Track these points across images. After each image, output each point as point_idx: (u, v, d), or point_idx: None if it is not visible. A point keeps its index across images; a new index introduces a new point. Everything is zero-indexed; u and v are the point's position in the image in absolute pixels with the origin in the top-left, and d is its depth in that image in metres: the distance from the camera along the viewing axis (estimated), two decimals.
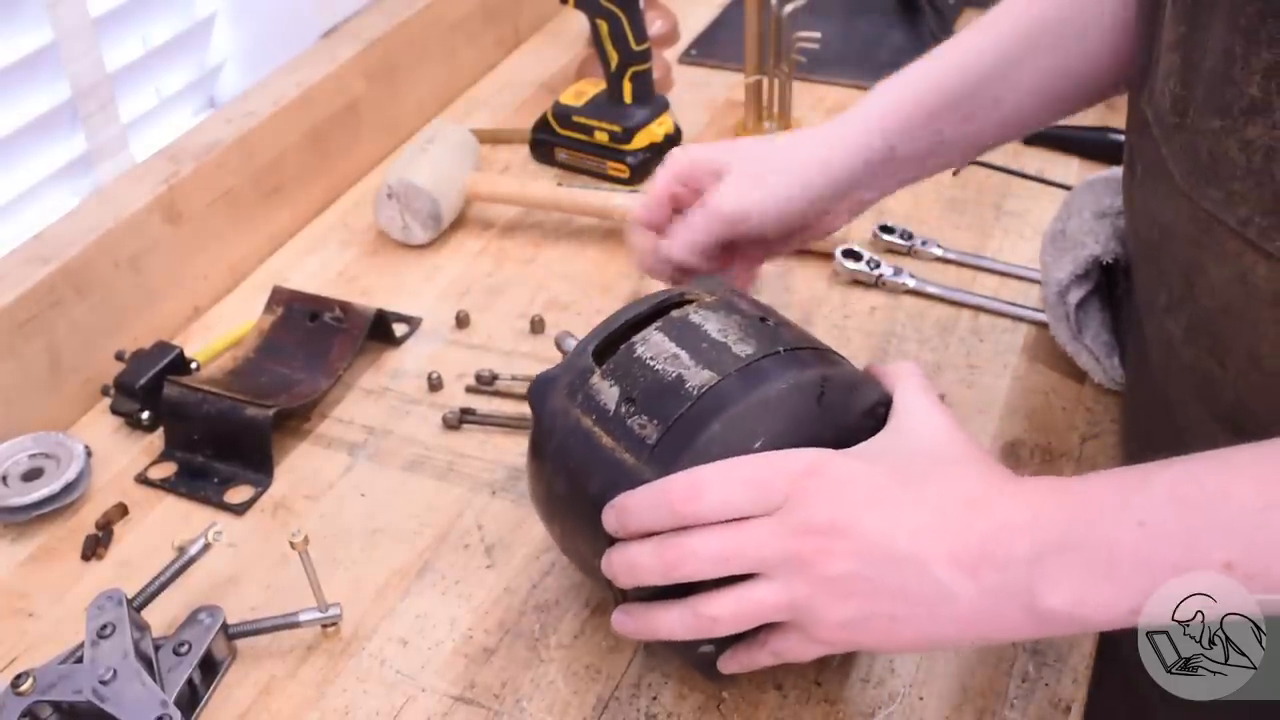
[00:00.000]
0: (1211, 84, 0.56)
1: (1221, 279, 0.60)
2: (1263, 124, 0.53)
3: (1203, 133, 0.58)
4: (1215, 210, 0.58)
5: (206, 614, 0.65)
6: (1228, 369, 0.62)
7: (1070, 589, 0.48)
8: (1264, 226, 0.55)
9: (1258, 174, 0.54)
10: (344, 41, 1.08)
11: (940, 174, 1.03)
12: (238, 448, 0.78)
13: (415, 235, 0.98)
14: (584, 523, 0.59)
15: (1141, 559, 0.47)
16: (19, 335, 0.79)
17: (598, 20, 1.03)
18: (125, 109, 0.97)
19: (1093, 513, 0.49)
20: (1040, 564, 0.48)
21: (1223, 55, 0.55)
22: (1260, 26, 0.52)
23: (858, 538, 0.51)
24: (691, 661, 0.60)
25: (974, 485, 0.52)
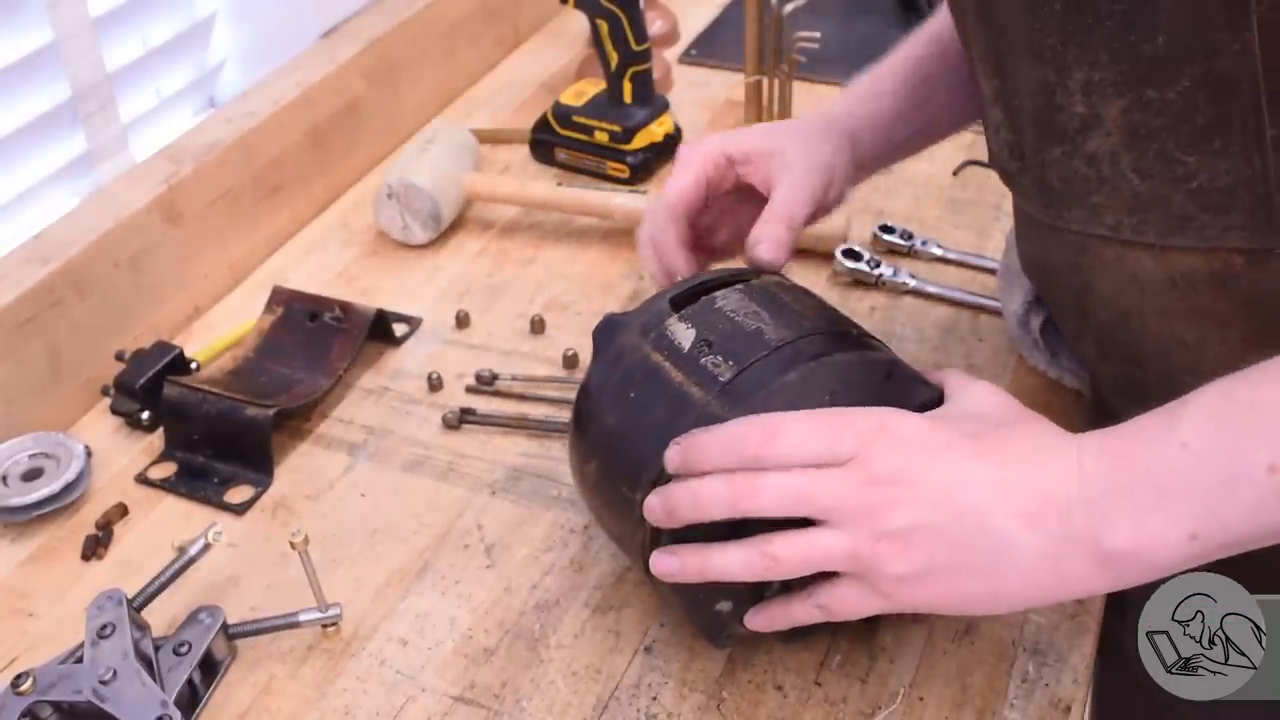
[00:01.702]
0: (1038, 119, 0.59)
1: (1110, 289, 0.63)
2: (1099, 135, 0.56)
3: (1046, 164, 0.61)
4: (1083, 227, 0.61)
5: (206, 614, 0.65)
6: (1148, 369, 0.64)
7: (1129, 524, 0.48)
8: (1134, 224, 0.58)
9: (1111, 180, 0.57)
10: (344, 41, 1.08)
11: (940, 174, 1.04)
12: (238, 448, 0.78)
13: (415, 235, 0.98)
14: (628, 457, 0.59)
15: (1190, 480, 0.47)
16: (19, 335, 0.79)
17: (598, 20, 1.03)
18: (125, 109, 0.97)
19: (1138, 445, 0.49)
20: (1097, 504, 0.49)
21: (1040, 89, 0.58)
22: (1064, 51, 0.55)
23: (922, 489, 0.51)
24: (702, 624, 0.60)
25: (1032, 441, 0.53)
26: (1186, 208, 0.55)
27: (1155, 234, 0.57)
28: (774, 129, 0.76)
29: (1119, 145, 0.56)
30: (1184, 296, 0.59)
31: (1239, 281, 0.56)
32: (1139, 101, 0.54)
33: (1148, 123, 0.54)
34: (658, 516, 0.56)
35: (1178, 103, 0.53)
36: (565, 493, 0.75)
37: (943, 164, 1.05)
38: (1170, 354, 0.62)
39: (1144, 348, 0.64)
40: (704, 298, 0.62)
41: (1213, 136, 0.53)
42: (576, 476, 0.65)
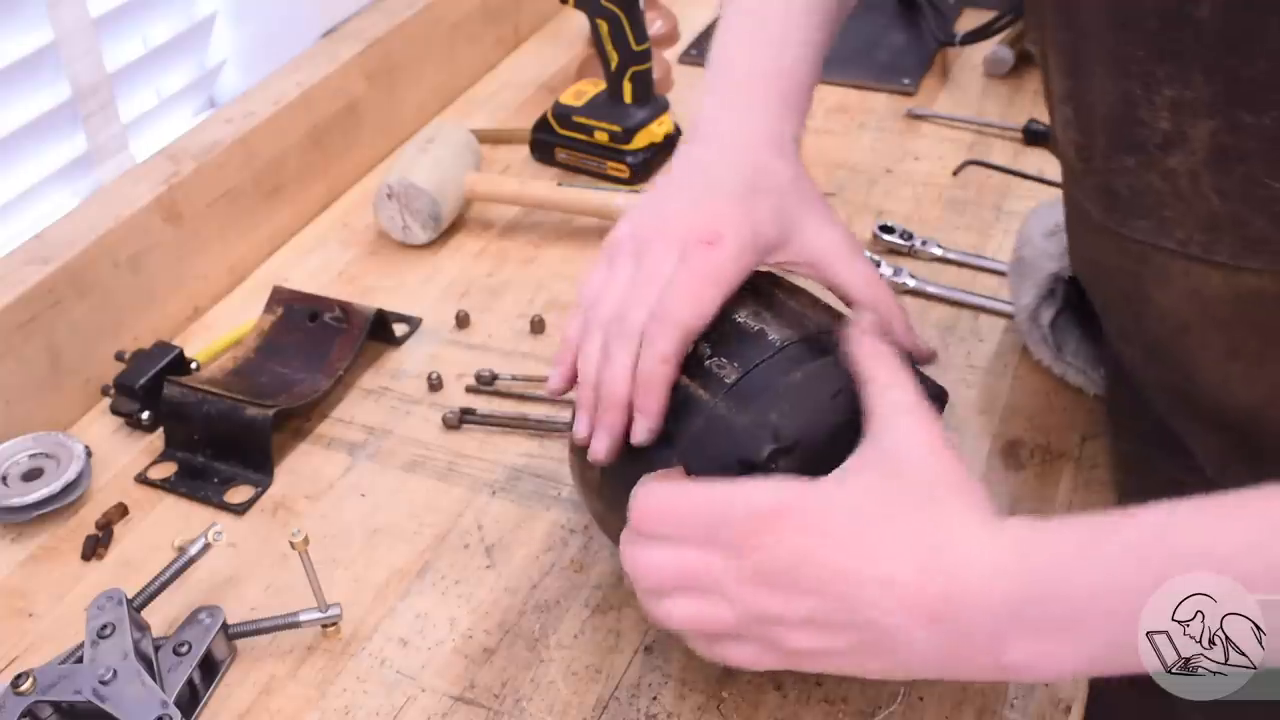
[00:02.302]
0: (1113, 127, 0.58)
1: (1171, 301, 0.61)
2: (1182, 152, 0.55)
3: (1116, 172, 0.59)
4: (1148, 238, 0.59)
5: (206, 614, 0.65)
6: (1198, 383, 0.63)
7: (1031, 645, 0.48)
8: (1205, 242, 0.56)
9: (1187, 197, 0.56)
10: (344, 41, 1.08)
11: (940, 174, 1.04)
12: (238, 448, 0.78)
13: (415, 235, 0.98)
14: (631, 464, 0.59)
15: (1105, 619, 0.47)
16: (19, 335, 0.79)
17: (598, 20, 1.03)
18: (125, 109, 0.97)
19: (1052, 572, 0.48)
20: (1001, 624, 0.48)
21: (1120, 99, 0.56)
22: (1155, 67, 0.53)
23: (817, 583, 0.50)
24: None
25: (946, 531, 0.50)
26: (1266, 231, 0.54)
27: (1227, 254, 0.56)
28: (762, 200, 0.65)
29: (1201, 165, 0.54)
30: (1249, 315, 0.58)
31: None
32: (1230, 124, 0.52)
33: (1238, 145, 0.52)
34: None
35: (1273, 128, 0.51)
36: (565, 493, 0.75)
37: (943, 164, 1.05)
38: (1227, 370, 0.61)
39: (1199, 361, 0.63)
40: None
41: None
42: (579, 483, 0.65)
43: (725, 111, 0.68)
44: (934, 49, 1.21)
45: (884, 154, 1.07)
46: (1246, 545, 0.46)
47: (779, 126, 0.67)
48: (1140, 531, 0.47)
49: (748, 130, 0.66)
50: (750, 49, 0.70)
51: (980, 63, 1.19)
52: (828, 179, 1.04)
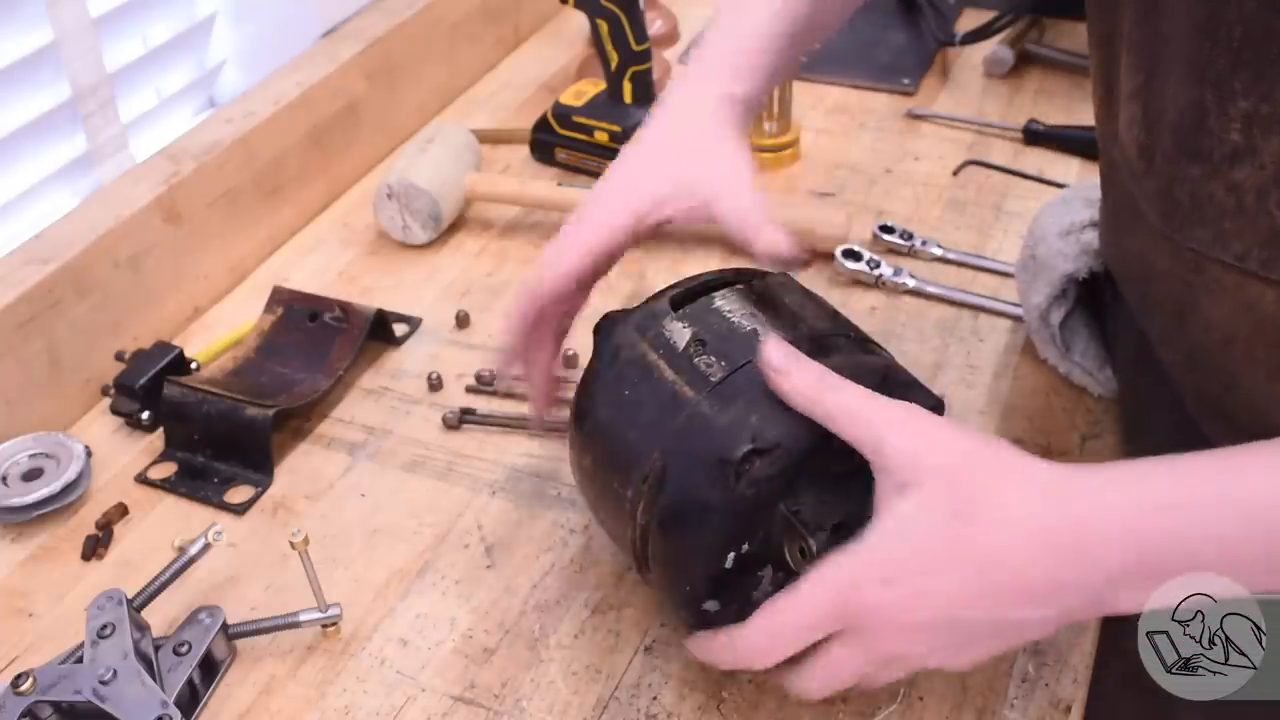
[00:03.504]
0: (1181, 133, 0.57)
1: (1221, 313, 0.60)
2: (1250, 166, 0.54)
3: (1178, 179, 0.58)
4: (1205, 249, 0.58)
5: (206, 614, 0.65)
6: (1237, 394, 0.63)
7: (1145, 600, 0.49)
8: (1265, 258, 0.56)
9: (1250, 212, 0.55)
10: (344, 41, 1.08)
11: (940, 174, 1.04)
12: (238, 448, 0.78)
13: (415, 235, 0.98)
14: (621, 453, 0.59)
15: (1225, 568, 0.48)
16: (19, 335, 0.79)
17: (598, 20, 1.03)
18: (125, 109, 0.97)
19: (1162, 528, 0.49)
20: (1115, 584, 0.49)
21: (1191, 106, 0.55)
22: (1232, 78, 0.52)
23: (926, 629, 0.51)
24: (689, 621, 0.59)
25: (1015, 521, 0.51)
26: None
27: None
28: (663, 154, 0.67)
29: (1270, 180, 0.53)
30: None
31: None
32: None
33: None
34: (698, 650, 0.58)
35: None
36: (565, 493, 0.75)
37: (943, 164, 1.05)
38: (1270, 389, 0.61)
39: (1242, 375, 0.63)
40: (703, 297, 0.62)
41: None
42: (575, 471, 0.65)
43: (676, 85, 0.71)
44: (934, 49, 1.21)
45: (884, 154, 1.07)
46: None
47: (718, 89, 0.68)
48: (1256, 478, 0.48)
49: (686, 97, 0.69)
50: (716, 27, 0.71)
51: (980, 63, 1.19)
52: (828, 179, 1.04)
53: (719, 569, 0.56)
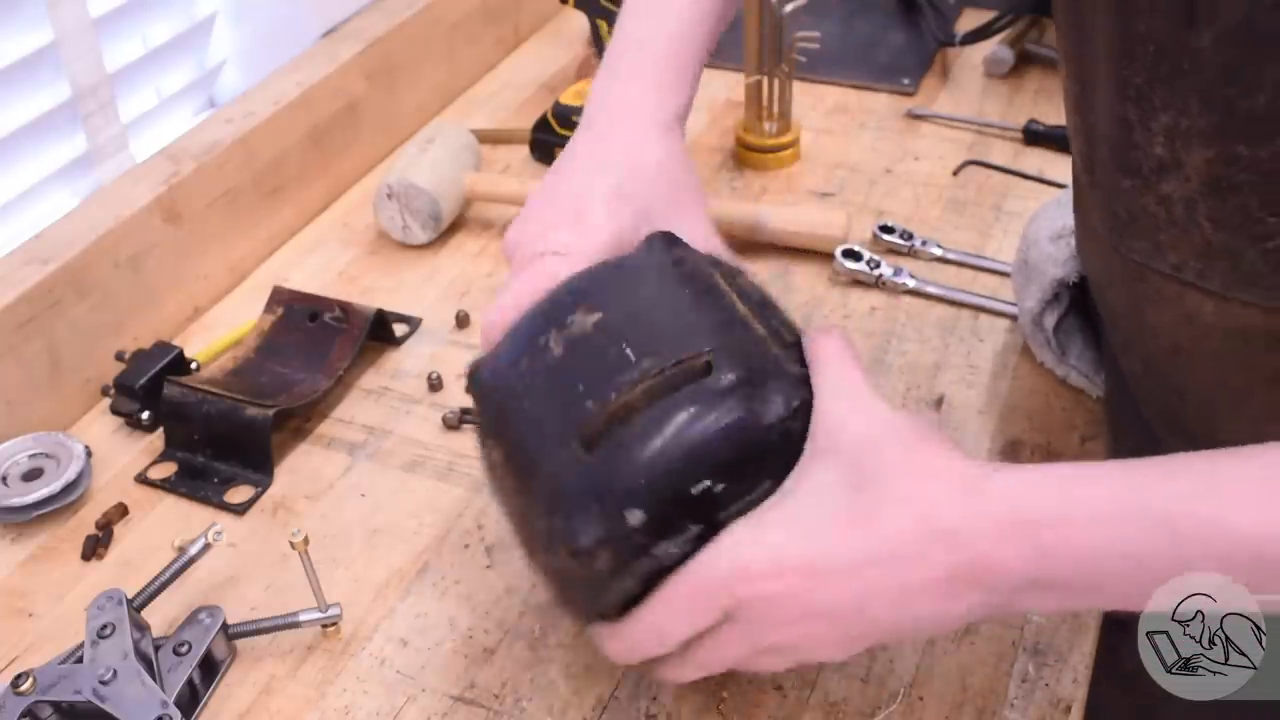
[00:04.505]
0: (1113, 146, 0.57)
1: (1165, 322, 0.61)
2: (1177, 179, 0.54)
3: (1115, 192, 0.59)
4: (1145, 260, 0.59)
5: (206, 614, 0.65)
6: (1187, 402, 0.63)
7: (1054, 606, 0.49)
8: (1199, 269, 0.56)
9: (1182, 224, 0.55)
10: (344, 41, 1.08)
11: (940, 174, 1.04)
12: (238, 448, 0.78)
13: (415, 235, 0.98)
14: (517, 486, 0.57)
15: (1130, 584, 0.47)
16: (19, 335, 0.79)
17: (598, 20, 1.03)
18: (125, 109, 0.97)
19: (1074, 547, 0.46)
20: (1019, 590, 0.48)
21: (1118, 120, 0.55)
22: (1151, 93, 0.53)
23: (823, 617, 0.50)
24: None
25: (927, 508, 0.48)
26: (1258, 265, 0.53)
27: (1220, 283, 0.55)
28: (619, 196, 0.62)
29: (1196, 193, 0.53)
30: (1238, 347, 0.57)
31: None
32: (1226, 155, 0.51)
33: (1232, 177, 0.52)
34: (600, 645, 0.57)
35: (1269, 162, 0.50)
36: None
37: (943, 164, 1.05)
38: (1215, 395, 0.61)
39: (1189, 383, 0.63)
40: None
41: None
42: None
43: (609, 91, 0.67)
44: (934, 49, 1.21)
45: (884, 154, 1.07)
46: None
47: (659, 102, 0.65)
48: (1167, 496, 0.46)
49: (628, 113, 0.65)
50: (635, 20, 0.68)
51: (980, 63, 1.19)
52: (828, 179, 1.04)
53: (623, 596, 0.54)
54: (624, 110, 0.65)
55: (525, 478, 0.54)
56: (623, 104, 0.66)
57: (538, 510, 0.53)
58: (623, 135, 0.64)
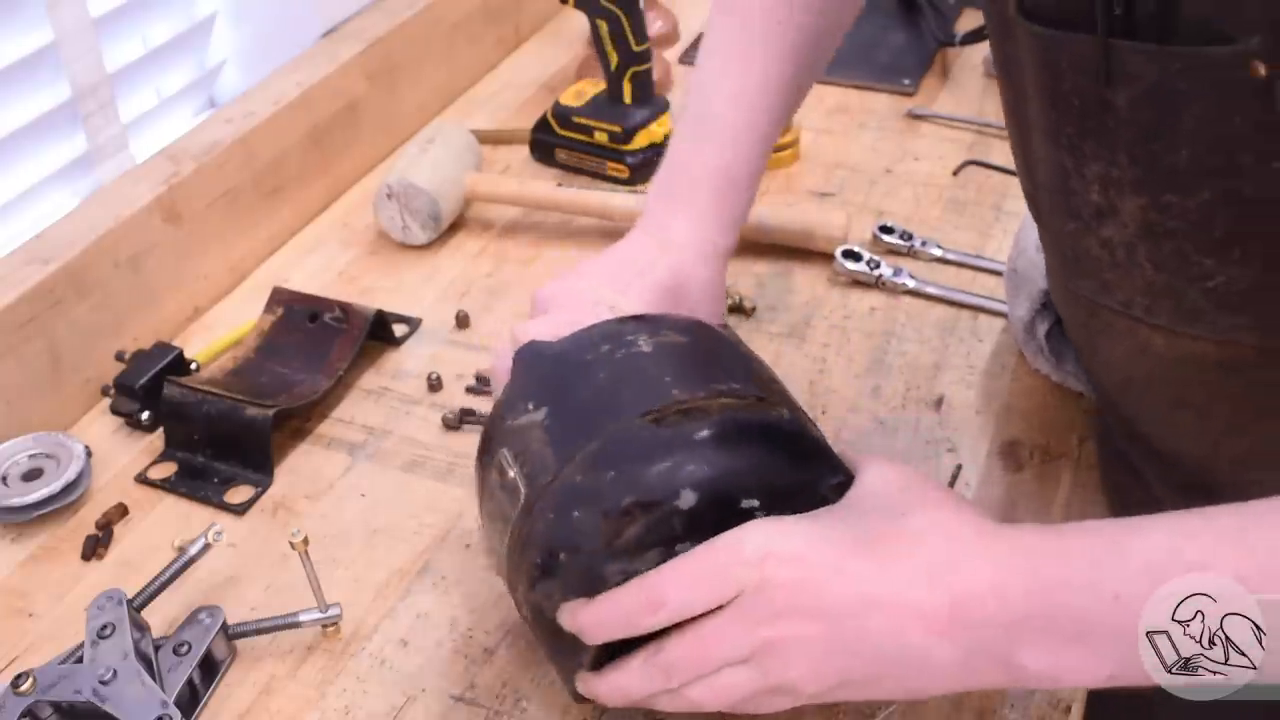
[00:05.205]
0: (1053, 191, 0.58)
1: (1117, 355, 0.62)
2: (1114, 224, 0.55)
3: (1060, 234, 0.60)
4: (1094, 296, 0.60)
5: (206, 614, 0.65)
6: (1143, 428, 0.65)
7: (1045, 654, 0.48)
8: (1146, 305, 0.57)
9: (1124, 265, 0.56)
10: (344, 41, 1.08)
11: (940, 174, 1.04)
12: (238, 448, 0.78)
13: (415, 235, 0.98)
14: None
15: (1115, 631, 0.47)
16: (19, 335, 0.79)
17: (598, 20, 1.03)
18: (125, 109, 0.97)
19: (1064, 583, 0.48)
20: (1014, 629, 0.48)
21: (1055, 167, 0.56)
22: (1081, 143, 0.54)
23: (824, 616, 0.50)
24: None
25: (940, 545, 0.51)
26: (1199, 303, 0.54)
27: (1167, 319, 0.56)
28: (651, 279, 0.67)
29: (1134, 237, 0.54)
30: (1194, 373, 0.58)
31: (1250, 369, 0.55)
32: (1157, 203, 0.52)
33: (1165, 223, 0.52)
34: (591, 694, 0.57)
35: (1196, 211, 0.51)
36: None
37: (943, 164, 1.05)
38: (1175, 418, 0.62)
39: (1143, 411, 0.64)
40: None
41: (1232, 246, 0.51)
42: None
43: (662, 213, 0.71)
44: (934, 49, 1.21)
45: (884, 154, 1.07)
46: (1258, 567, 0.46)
47: (706, 239, 0.69)
48: (1151, 547, 0.47)
49: (676, 237, 0.69)
50: (691, 147, 0.71)
51: (980, 63, 1.19)
52: (828, 179, 1.04)
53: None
54: (678, 239, 0.69)
55: (575, 437, 0.55)
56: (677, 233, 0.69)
57: (586, 467, 0.53)
58: (677, 259, 0.68)
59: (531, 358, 0.59)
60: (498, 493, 0.57)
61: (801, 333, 0.87)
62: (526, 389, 0.58)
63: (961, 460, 0.76)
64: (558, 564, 0.54)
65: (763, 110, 0.71)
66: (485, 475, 0.59)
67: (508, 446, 0.57)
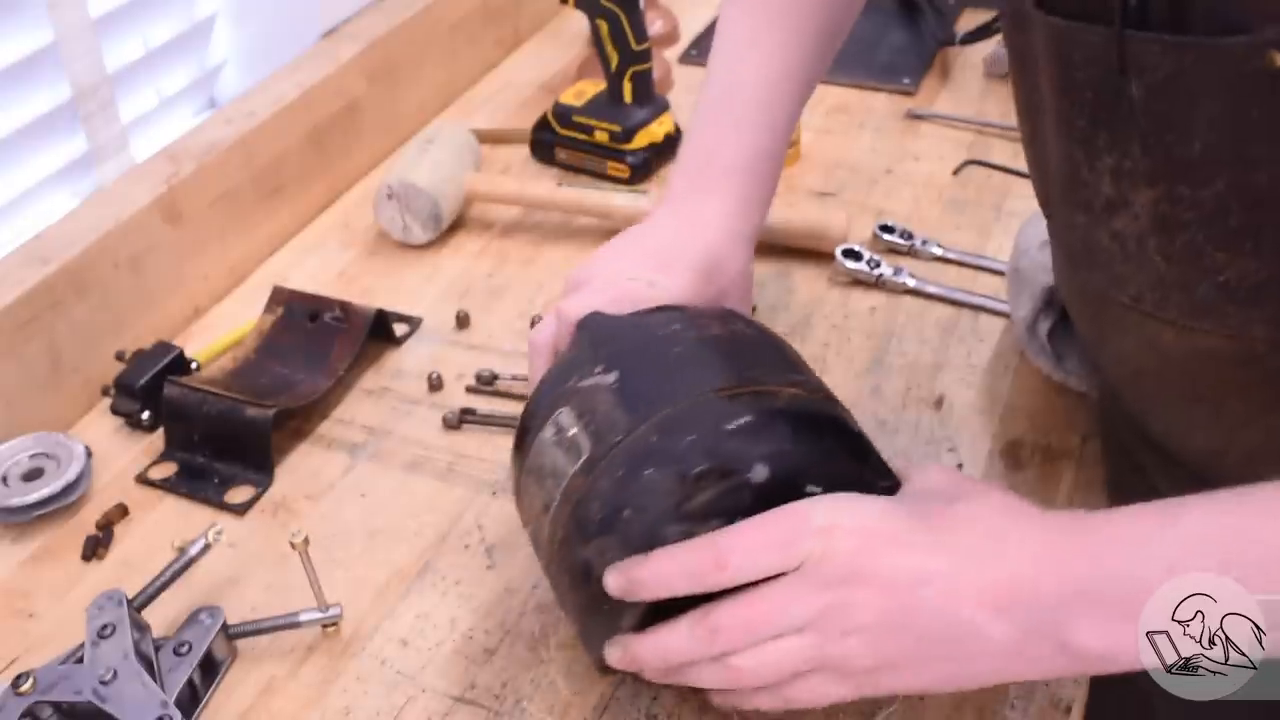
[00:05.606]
0: (1064, 184, 0.58)
1: (1128, 348, 0.62)
2: (1125, 216, 0.55)
3: (1071, 226, 0.59)
4: (1104, 289, 0.60)
5: (207, 614, 0.65)
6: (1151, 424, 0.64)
7: (1099, 629, 0.48)
8: (1157, 299, 0.57)
9: (1135, 258, 0.56)
10: (344, 41, 1.08)
11: (940, 174, 1.04)
12: (238, 448, 0.78)
13: (415, 235, 0.98)
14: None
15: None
16: (19, 335, 0.79)
17: (598, 20, 1.03)
18: (125, 109, 0.97)
19: (1119, 557, 0.49)
20: (1069, 606, 0.48)
21: (1066, 160, 0.57)
22: (1094, 136, 0.54)
23: (882, 585, 0.51)
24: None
25: (994, 522, 0.52)
26: (1211, 296, 0.54)
27: (1177, 313, 0.56)
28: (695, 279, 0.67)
29: (1146, 230, 0.54)
30: (1205, 366, 0.58)
31: (1263, 360, 0.55)
32: (1170, 194, 0.52)
33: (1178, 216, 0.52)
34: (623, 665, 0.56)
35: (1211, 203, 0.51)
36: None
37: (943, 164, 1.05)
38: (1187, 413, 0.62)
39: (1154, 405, 0.64)
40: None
41: (1244, 239, 0.51)
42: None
43: (692, 195, 0.71)
44: (934, 49, 1.21)
45: (884, 154, 1.07)
46: None
47: (737, 224, 0.70)
48: (1200, 520, 0.48)
49: (709, 220, 0.69)
50: (718, 132, 0.72)
51: (980, 63, 1.19)
52: (828, 179, 1.04)
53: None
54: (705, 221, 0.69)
55: (650, 401, 0.56)
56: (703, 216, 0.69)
57: (662, 429, 0.54)
58: (708, 238, 0.68)
59: (599, 327, 0.61)
60: (551, 449, 0.58)
61: (802, 332, 0.87)
62: (595, 354, 0.59)
63: (962, 460, 0.76)
64: (620, 520, 0.54)
65: (787, 95, 0.72)
66: (536, 432, 0.59)
67: (569, 406, 0.58)
